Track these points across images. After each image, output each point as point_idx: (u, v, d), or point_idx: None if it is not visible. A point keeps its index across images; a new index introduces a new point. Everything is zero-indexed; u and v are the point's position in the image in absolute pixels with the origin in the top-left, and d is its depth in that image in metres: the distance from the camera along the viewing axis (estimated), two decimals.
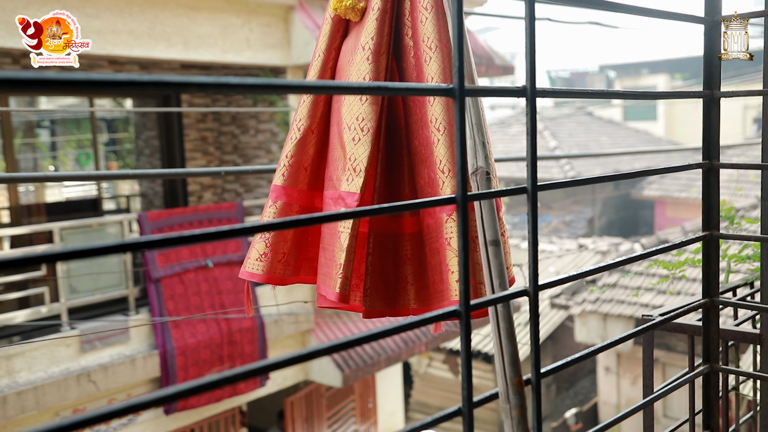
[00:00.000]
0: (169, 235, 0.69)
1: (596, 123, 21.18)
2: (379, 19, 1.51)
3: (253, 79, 0.64)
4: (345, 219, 0.74)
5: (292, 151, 1.62)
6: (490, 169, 1.16)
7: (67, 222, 5.92)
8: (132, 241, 0.63)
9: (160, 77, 0.68)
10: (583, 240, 13.80)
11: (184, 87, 0.67)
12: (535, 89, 0.86)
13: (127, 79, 0.70)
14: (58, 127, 11.49)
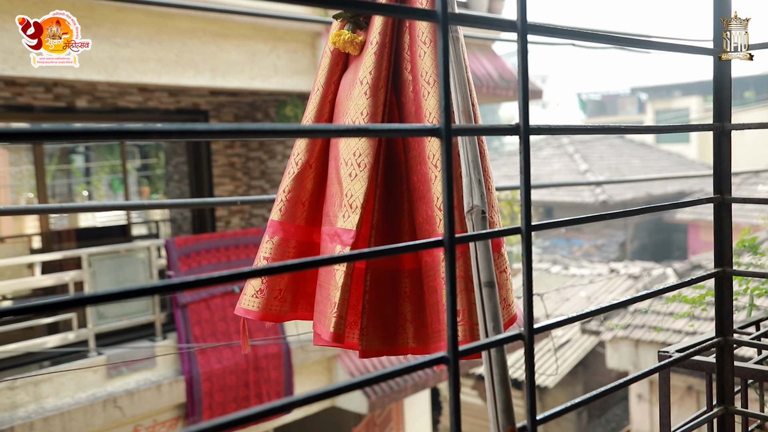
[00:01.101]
0: (185, 279, 0.68)
1: (628, 146, 20.96)
2: (378, 53, 1.50)
3: (236, 125, 0.63)
4: (335, 263, 0.72)
5: (289, 185, 1.60)
6: (485, 208, 1.14)
7: (96, 248, 5.99)
8: (155, 284, 0.62)
9: (160, 127, 0.67)
10: (614, 264, 13.60)
11: (183, 135, 0.66)
12: (528, 127, 0.84)
13: (110, 129, 0.70)
14: (92, 153, 11.72)
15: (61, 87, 6.96)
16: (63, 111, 7.11)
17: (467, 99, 1.25)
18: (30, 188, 8.94)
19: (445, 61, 0.73)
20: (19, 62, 5.39)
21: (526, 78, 0.84)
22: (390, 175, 1.58)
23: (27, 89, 6.76)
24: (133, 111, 7.59)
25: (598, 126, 0.97)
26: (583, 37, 0.92)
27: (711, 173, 4.09)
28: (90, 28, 5.61)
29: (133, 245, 6.45)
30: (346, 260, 0.75)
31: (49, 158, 9.24)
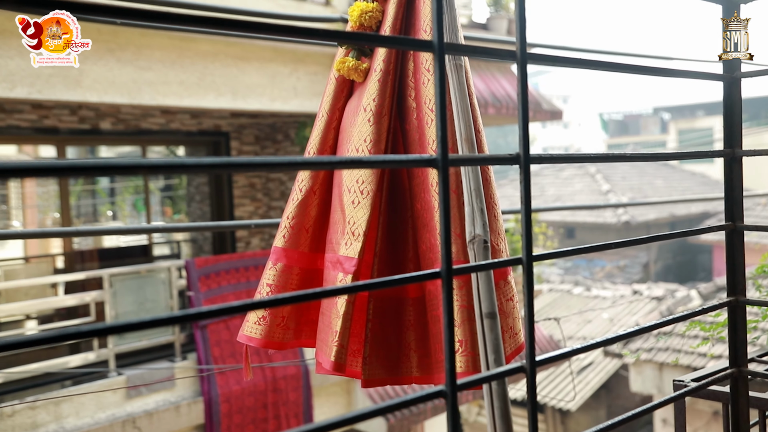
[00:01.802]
0: (193, 311, 0.68)
1: (651, 166, 20.78)
2: (381, 80, 1.49)
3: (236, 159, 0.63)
4: (336, 294, 0.71)
5: (293, 212, 1.60)
6: (488, 237, 1.13)
7: (117, 269, 6.04)
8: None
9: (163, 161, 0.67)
10: (637, 286, 13.43)
11: (185, 169, 0.66)
12: (528, 156, 0.83)
13: (105, 163, 0.70)
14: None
15: (86, 110, 7.07)
16: (87, 133, 7.22)
17: (470, 127, 1.24)
18: (56, 208, 9.07)
19: (441, 91, 0.73)
20: (45, 86, 5.49)
21: (526, 106, 0.83)
22: (394, 202, 1.57)
23: (53, 112, 6.88)
24: (156, 133, 7.69)
25: (602, 154, 0.96)
26: (584, 65, 0.92)
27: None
28: (114, 52, 5.71)
29: (154, 266, 6.50)
30: (345, 292, 0.74)
31: (75, 179, 9.37)
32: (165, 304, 6.34)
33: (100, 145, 8.80)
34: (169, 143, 8.50)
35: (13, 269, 7.70)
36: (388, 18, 1.51)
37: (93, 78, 5.71)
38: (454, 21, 1.34)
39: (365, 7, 1.53)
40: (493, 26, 8.71)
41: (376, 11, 1.53)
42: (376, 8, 1.54)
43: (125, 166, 0.61)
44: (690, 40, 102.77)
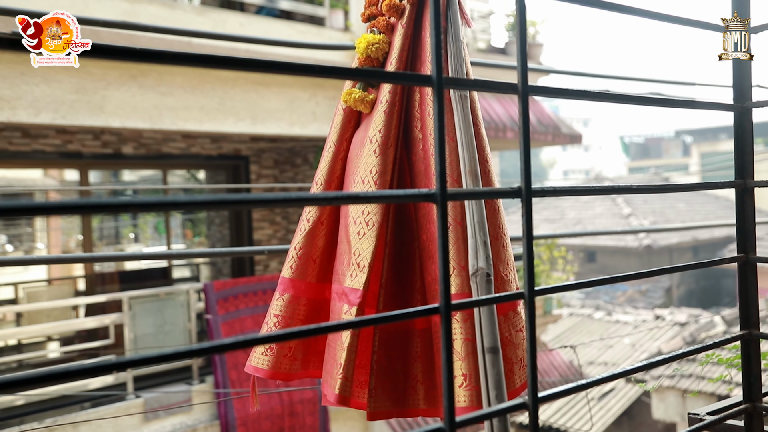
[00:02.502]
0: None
1: None
2: (387, 111, 1.49)
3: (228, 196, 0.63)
4: (339, 330, 0.71)
5: (301, 243, 1.59)
6: (491, 271, 1.12)
7: (136, 291, 6.09)
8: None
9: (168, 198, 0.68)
10: (660, 311, 13.25)
11: (191, 206, 0.67)
12: (530, 190, 0.83)
13: (120, 202, 0.71)
14: (140, 196, 12.01)
15: (109, 134, 7.18)
16: (110, 157, 7.32)
17: (474, 158, 1.24)
18: (79, 230, 9.17)
19: (440, 126, 0.73)
20: (69, 111, 5.59)
21: (527, 139, 0.83)
22: (401, 233, 1.57)
23: (76, 137, 6.99)
24: (177, 157, 7.78)
25: (607, 186, 0.95)
26: (586, 97, 0.91)
27: (763, 220, 3.93)
28: (136, 78, 5.80)
29: (173, 289, 6.54)
30: (346, 327, 0.74)
31: (99, 200, 9.47)
32: (183, 327, 6.37)
33: (123, 169, 8.91)
34: (189, 167, 8.59)
35: (36, 291, 7.79)
36: (395, 49, 1.52)
37: (115, 103, 5.80)
38: (459, 52, 1.34)
39: (372, 39, 1.54)
40: (511, 51, 8.74)
41: (382, 43, 1.54)
42: (382, 40, 1.55)
43: (141, 204, 0.61)
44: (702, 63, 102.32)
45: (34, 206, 0.62)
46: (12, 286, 7.45)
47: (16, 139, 6.63)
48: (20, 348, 7.08)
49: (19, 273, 8.23)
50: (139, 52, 0.64)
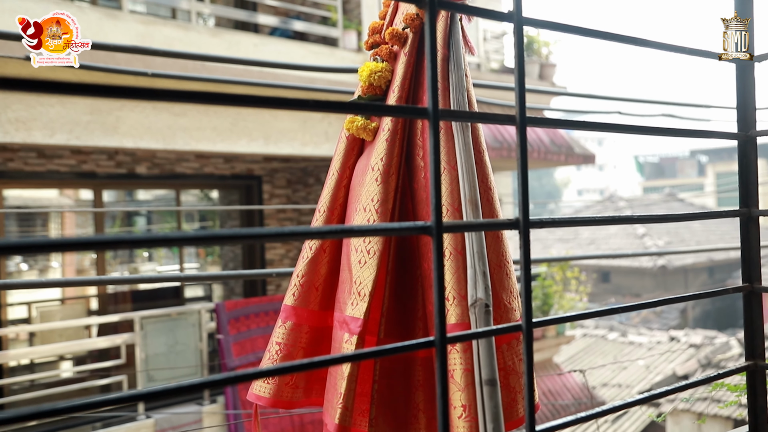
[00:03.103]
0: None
1: (687, 209, 20.45)
2: (389, 140, 1.50)
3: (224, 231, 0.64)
4: (339, 363, 0.71)
5: (303, 270, 1.59)
6: (489, 301, 1.11)
7: (148, 311, 6.11)
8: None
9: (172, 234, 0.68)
10: (674, 332, 13.11)
11: (188, 241, 0.67)
12: (527, 221, 0.83)
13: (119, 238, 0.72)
14: (154, 215, 12.10)
15: (123, 155, 7.25)
16: (124, 177, 7.39)
17: (474, 188, 1.24)
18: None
19: (435, 159, 0.73)
20: (84, 132, 5.65)
21: (526, 169, 0.83)
22: (403, 260, 1.56)
23: (91, 157, 7.06)
24: (190, 177, 7.83)
25: (608, 217, 0.94)
26: (586, 127, 0.91)
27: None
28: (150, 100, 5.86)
29: (185, 308, 6.56)
30: (345, 361, 0.74)
31: (113, 220, 9.56)
32: (195, 347, 6.37)
33: (137, 188, 8.98)
34: (202, 187, 8.64)
35: (50, 311, 7.83)
36: (397, 77, 1.52)
37: (129, 124, 5.86)
38: (461, 81, 1.34)
39: (374, 67, 1.55)
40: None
41: (385, 71, 1.55)
42: (385, 68, 1.55)
43: (156, 240, 0.62)
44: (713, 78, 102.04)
45: (48, 243, 0.63)
46: (26, 305, 7.49)
47: (31, 159, 6.71)
48: (32, 367, 7.11)
49: (32, 292, 8.27)
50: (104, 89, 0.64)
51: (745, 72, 1.21)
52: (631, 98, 3.90)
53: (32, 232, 8.94)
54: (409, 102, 1.52)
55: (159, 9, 7.33)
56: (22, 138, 5.34)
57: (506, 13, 0.85)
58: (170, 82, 5.73)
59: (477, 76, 7.90)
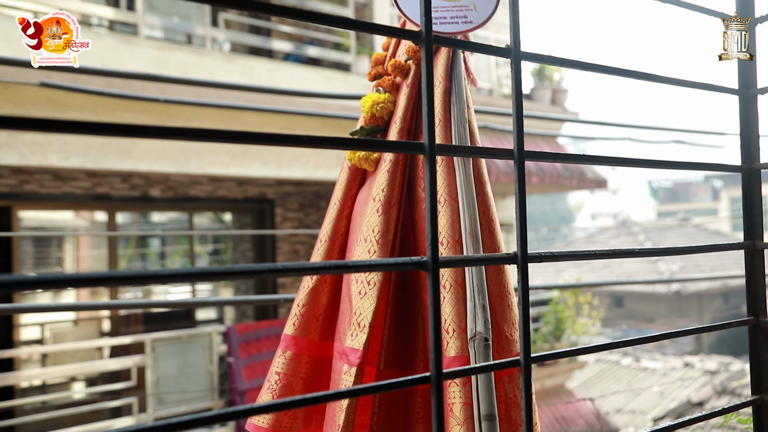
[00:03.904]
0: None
1: (702, 234, 20.31)
2: (391, 170, 1.50)
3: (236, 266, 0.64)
4: (339, 398, 0.71)
5: (304, 299, 1.59)
6: (489, 336, 1.11)
7: (159, 333, 6.12)
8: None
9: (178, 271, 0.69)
10: (689, 358, 12.94)
11: (188, 278, 0.68)
12: (526, 256, 0.83)
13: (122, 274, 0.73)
14: (168, 237, 12.19)
15: (137, 177, 7.31)
16: (138, 200, 7.45)
17: (475, 220, 1.24)
18: (107, 268, 9.28)
19: (432, 193, 0.73)
20: (99, 155, 5.71)
21: (524, 205, 0.83)
22: (405, 291, 1.56)
23: (106, 179, 7.13)
24: (203, 200, 7.88)
25: (610, 250, 0.94)
26: (585, 160, 0.92)
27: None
28: (165, 123, 5.92)
29: (196, 331, 6.57)
30: (341, 397, 0.74)
31: (127, 241, 9.63)
32: (205, 370, 6.37)
33: (150, 211, 9.05)
34: (215, 210, 8.69)
35: (63, 331, 7.86)
36: (399, 109, 1.53)
37: (144, 148, 5.92)
38: (462, 113, 1.35)
39: (377, 98, 1.56)
40: (536, 96, 8.77)
41: (387, 102, 1.57)
42: (387, 99, 1.57)
43: (165, 276, 0.63)
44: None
45: (62, 279, 0.64)
46: (39, 326, 7.53)
47: (47, 181, 6.78)
48: (44, 388, 7.13)
49: (45, 312, 8.31)
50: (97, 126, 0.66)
51: (748, 104, 1.21)
52: (641, 125, 3.90)
53: (47, 253, 9.02)
54: (411, 133, 1.53)
55: (175, 35, 7.43)
56: (38, 161, 5.40)
57: (504, 48, 0.86)
58: (183, 108, 5.80)
59: (488, 101, 7.93)
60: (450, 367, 1.28)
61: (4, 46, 4.88)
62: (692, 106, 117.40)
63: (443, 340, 1.32)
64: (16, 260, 6.78)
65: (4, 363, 6.26)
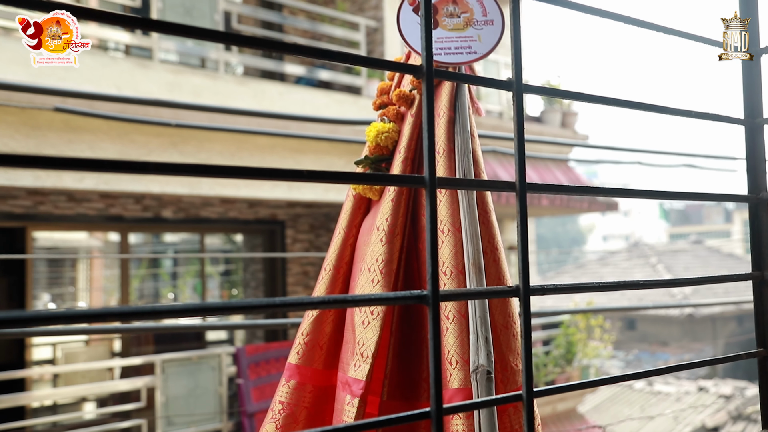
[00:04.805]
0: None
1: (714, 256, 20.14)
2: (395, 200, 1.50)
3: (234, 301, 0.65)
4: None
5: (308, 328, 1.58)
6: (491, 368, 1.10)
7: (168, 354, 6.13)
8: None
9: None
10: (704, 382, 12.79)
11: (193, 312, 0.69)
12: (528, 288, 0.83)
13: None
14: (180, 257, 12.23)
15: (149, 199, 7.36)
16: (150, 221, 7.50)
17: (478, 251, 1.24)
18: (119, 289, 9.33)
19: (432, 227, 0.74)
20: (112, 177, 5.76)
21: (526, 239, 0.83)
22: (409, 320, 1.55)
23: (119, 201, 7.19)
24: (215, 221, 7.92)
25: (611, 283, 0.94)
26: (588, 192, 0.92)
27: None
28: (177, 146, 5.98)
29: (205, 352, 6.57)
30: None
31: (139, 261, 9.68)
32: (214, 391, 6.36)
33: (162, 232, 9.10)
34: (227, 231, 8.73)
35: (74, 351, 7.88)
36: (404, 138, 1.54)
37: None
38: (466, 143, 1.35)
39: (381, 127, 1.58)
40: (546, 119, 8.79)
41: (392, 132, 1.58)
42: (392, 129, 1.58)
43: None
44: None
45: (74, 315, 0.65)
46: (51, 345, 7.56)
47: (61, 203, 6.84)
48: (55, 408, 7.14)
49: (55, 336, 8.35)
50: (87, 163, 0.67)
51: (755, 133, 1.21)
52: (651, 150, 3.90)
53: (61, 272, 9.08)
54: (415, 162, 1.54)
55: (189, 59, 7.51)
56: (52, 182, 5.46)
57: (506, 81, 0.87)
58: (196, 130, 5.85)
59: (498, 125, 7.95)
60: (453, 399, 1.27)
61: (20, 70, 4.96)
62: (703, 128, 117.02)
63: (446, 371, 1.31)
64: (30, 279, 6.82)
65: (16, 383, 6.28)
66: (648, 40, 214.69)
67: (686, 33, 1.12)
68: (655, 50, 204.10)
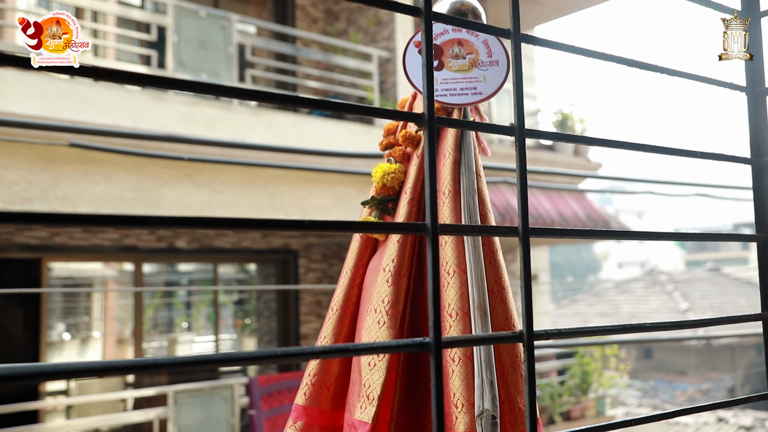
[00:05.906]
0: None
1: (732, 284, 19.92)
2: (401, 241, 1.51)
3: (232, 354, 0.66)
4: None
5: (315, 369, 1.58)
6: (497, 413, 1.10)
7: (181, 385, 6.12)
8: None
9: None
10: (723, 412, 12.58)
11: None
12: (531, 333, 0.83)
13: None
14: (194, 285, 12.28)
15: (163, 230, 7.42)
16: (164, 251, 7.55)
17: (483, 294, 1.24)
18: (133, 318, 9.38)
19: (435, 275, 0.75)
20: (127, 208, 5.82)
21: (529, 282, 0.84)
22: (416, 361, 1.55)
23: (133, 232, 7.25)
24: (228, 251, 7.96)
25: (618, 326, 0.94)
26: (595, 236, 0.92)
27: None
28: (191, 177, 6.04)
29: (218, 383, 6.55)
30: None
31: (153, 291, 9.73)
32: (227, 422, 6.33)
33: (176, 262, 9.15)
34: (240, 260, 8.76)
35: (87, 383, 7.90)
36: (410, 179, 1.55)
37: (170, 200, 6.02)
38: (472, 184, 1.36)
39: (388, 168, 1.59)
40: (559, 147, 8.80)
41: (398, 172, 1.59)
42: (398, 169, 1.59)
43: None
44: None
45: (85, 368, 0.65)
46: None
47: (77, 234, 6.91)
48: None
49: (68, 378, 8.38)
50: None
51: (757, 102, 1.21)
52: (663, 181, 3.90)
53: (76, 302, 9.13)
54: (421, 203, 1.55)
55: None
56: None
57: (508, 127, 0.88)
58: (206, 165, 5.91)
59: (511, 153, 7.96)
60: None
61: (37, 105, 5.04)
62: (718, 146, 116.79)
63: (452, 414, 1.31)
64: (45, 309, 6.87)
65: (30, 415, 6.29)
66: (661, 58, 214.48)
67: (704, 77, 1.14)
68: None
